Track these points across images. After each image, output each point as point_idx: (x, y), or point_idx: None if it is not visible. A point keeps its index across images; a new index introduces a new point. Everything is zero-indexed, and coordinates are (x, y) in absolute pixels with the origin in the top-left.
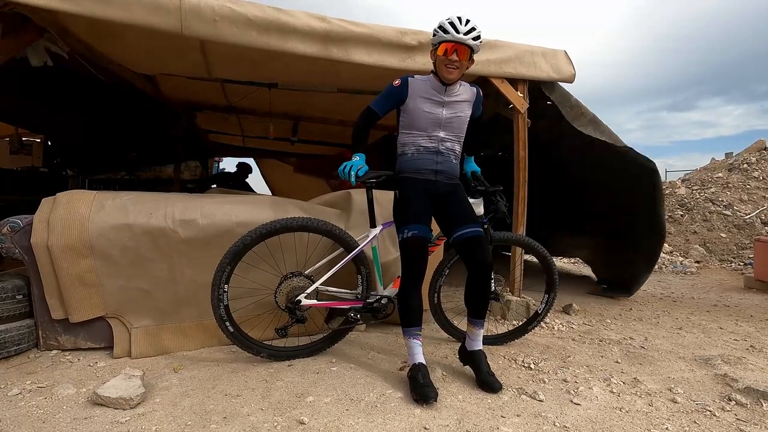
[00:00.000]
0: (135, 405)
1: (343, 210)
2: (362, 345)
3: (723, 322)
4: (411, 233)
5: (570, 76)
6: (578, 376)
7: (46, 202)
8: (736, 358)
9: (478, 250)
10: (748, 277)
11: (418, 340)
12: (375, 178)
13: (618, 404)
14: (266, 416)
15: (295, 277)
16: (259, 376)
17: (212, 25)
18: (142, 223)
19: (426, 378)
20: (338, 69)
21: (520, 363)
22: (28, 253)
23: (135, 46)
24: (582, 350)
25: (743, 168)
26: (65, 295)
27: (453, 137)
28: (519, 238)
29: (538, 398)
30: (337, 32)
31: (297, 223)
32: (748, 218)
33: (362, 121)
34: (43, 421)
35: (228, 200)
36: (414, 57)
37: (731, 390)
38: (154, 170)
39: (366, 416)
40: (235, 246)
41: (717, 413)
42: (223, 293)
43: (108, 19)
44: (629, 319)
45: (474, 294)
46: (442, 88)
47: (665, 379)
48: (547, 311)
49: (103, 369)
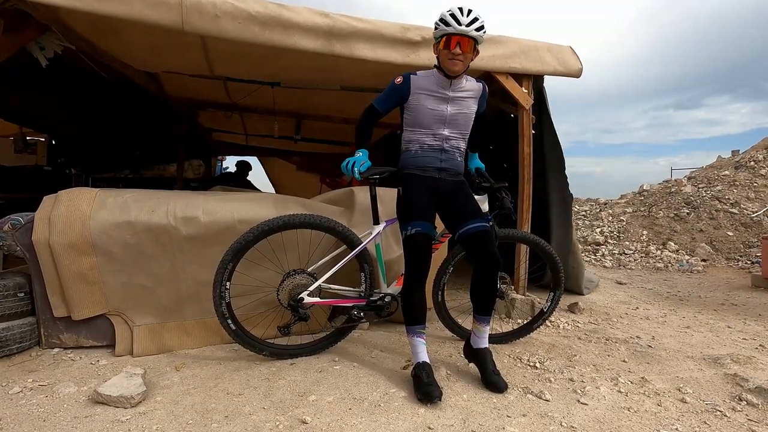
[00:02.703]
0: (136, 403)
1: (345, 207)
2: (365, 343)
3: (731, 321)
4: (415, 230)
5: (577, 71)
6: (585, 375)
7: (48, 200)
8: (745, 358)
9: (485, 245)
10: (755, 276)
11: (422, 338)
12: (378, 174)
13: (626, 404)
14: (268, 415)
15: (297, 274)
16: (261, 375)
17: (214, 21)
18: (143, 220)
19: (430, 377)
20: (341, 66)
21: (525, 362)
22: (30, 251)
23: (136, 43)
24: (588, 349)
25: (750, 166)
26: (67, 292)
27: (458, 134)
28: (524, 235)
29: (545, 398)
30: (340, 28)
31: (299, 220)
32: (755, 216)
33: (365, 118)
34: (44, 419)
35: (230, 197)
36: (418, 52)
37: (741, 390)
38: (157, 169)
39: (369, 415)
40: (238, 243)
41: (728, 413)
42: (225, 291)
43: (109, 15)
44: (635, 317)
45: (481, 289)
46: (446, 83)
47: (674, 378)
48: (552, 309)
49: (104, 367)
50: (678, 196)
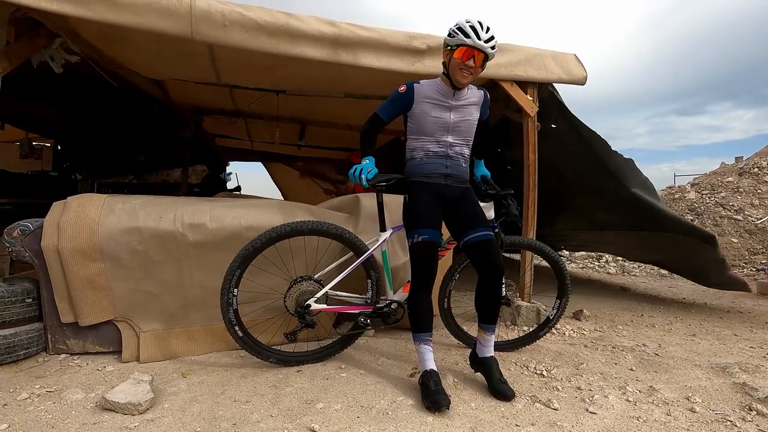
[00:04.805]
0: (144, 410)
1: (351, 214)
2: (372, 350)
3: (737, 329)
4: (421, 238)
5: (581, 78)
6: (592, 383)
7: (57, 206)
8: (754, 366)
9: (489, 254)
10: (761, 283)
11: (428, 345)
12: (385, 181)
13: (635, 413)
14: (276, 423)
15: (304, 281)
16: (268, 382)
17: (222, 30)
18: (151, 226)
19: (438, 385)
20: (347, 74)
21: (532, 370)
22: (38, 257)
23: (144, 51)
24: (595, 357)
25: (754, 172)
26: (75, 298)
27: (462, 141)
28: (530, 242)
29: (553, 407)
30: (346, 36)
31: (307, 227)
32: (759, 223)
33: (369, 126)
34: (52, 426)
35: (237, 204)
36: (423, 61)
37: (751, 399)
38: (161, 174)
39: (377, 424)
40: (245, 250)
41: (738, 423)
42: (232, 297)
43: (120, 24)
44: (641, 325)
45: (485, 298)
46: (450, 92)
47: (682, 387)
48: (559, 317)
49: (111, 373)
50: (682, 203)
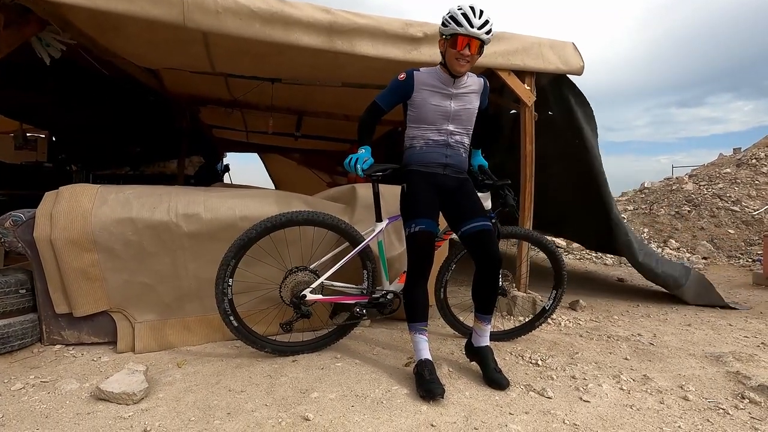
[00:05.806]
0: (138, 400)
1: (347, 204)
2: (367, 340)
3: (732, 319)
4: (418, 228)
5: (579, 68)
6: (587, 372)
7: (49, 196)
8: (747, 356)
9: (487, 244)
10: (756, 274)
11: (423, 335)
12: (381, 171)
13: (628, 402)
14: (270, 412)
15: (300, 271)
16: (264, 372)
17: (215, 17)
18: (145, 217)
19: (432, 374)
20: (343, 62)
21: (527, 359)
22: (31, 247)
23: (137, 39)
24: (590, 347)
25: (752, 164)
26: (69, 289)
27: (462, 130)
28: (527, 233)
29: (547, 395)
30: (341, 24)
31: (302, 217)
32: (756, 214)
33: (367, 115)
34: (46, 416)
35: (232, 194)
36: (420, 49)
37: (744, 388)
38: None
39: (372, 412)
40: (240, 240)
41: (730, 411)
42: (227, 287)
43: (111, 11)
44: (636, 315)
45: (482, 289)
46: (450, 81)
47: (676, 376)
48: (555, 307)
49: (106, 364)
50: (679, 194)
